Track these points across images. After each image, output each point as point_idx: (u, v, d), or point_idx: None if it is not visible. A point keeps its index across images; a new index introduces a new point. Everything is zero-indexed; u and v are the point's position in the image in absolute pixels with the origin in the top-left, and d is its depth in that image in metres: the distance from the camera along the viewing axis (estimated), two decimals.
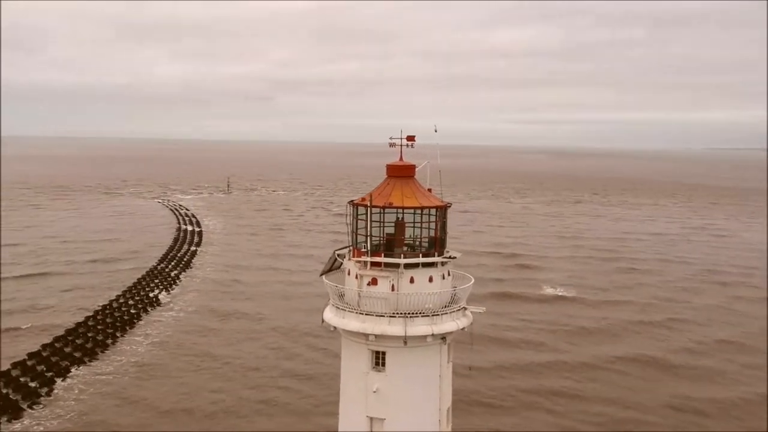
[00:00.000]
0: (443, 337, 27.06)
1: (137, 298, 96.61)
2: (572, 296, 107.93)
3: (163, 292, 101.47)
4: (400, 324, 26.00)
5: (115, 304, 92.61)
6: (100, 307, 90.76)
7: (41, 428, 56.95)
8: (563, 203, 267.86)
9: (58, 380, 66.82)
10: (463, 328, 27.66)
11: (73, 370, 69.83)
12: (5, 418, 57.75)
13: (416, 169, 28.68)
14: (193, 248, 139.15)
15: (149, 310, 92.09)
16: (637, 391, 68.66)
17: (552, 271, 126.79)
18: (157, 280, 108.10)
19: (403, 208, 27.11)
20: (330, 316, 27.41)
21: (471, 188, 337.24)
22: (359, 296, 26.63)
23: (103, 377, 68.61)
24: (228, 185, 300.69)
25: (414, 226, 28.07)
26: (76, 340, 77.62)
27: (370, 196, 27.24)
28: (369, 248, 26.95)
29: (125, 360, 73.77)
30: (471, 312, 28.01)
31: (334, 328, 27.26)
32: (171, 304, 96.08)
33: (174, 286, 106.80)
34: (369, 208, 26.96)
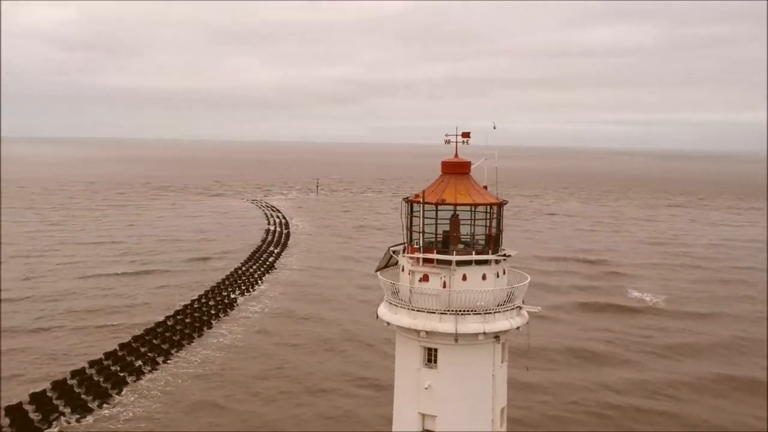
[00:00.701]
0: (496, 336, 26.77)
1: (218, 298, 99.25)
2: (663, 308, 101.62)
3: (245, 293, 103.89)
4: (451, 321, 25.92)
5: (196, 304, 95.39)
6: (181, 307, 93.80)
7: (111, 427, 59.09)
8: (659, 207, 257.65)
9: (130, 380, 68.75)
10: (517, 328, 27.28)
11: (146, 370, 71.65)
12: (75, 417, 60.08)
13: (472, 167, 28.53)
14: (278, 249, 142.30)
15: (228, 311, 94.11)
16: (731, 414, 64.20)
17: (642, 279, 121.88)
18: (240, 281, 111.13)
19: (456, 204, 27.01)
20: (384, 311, 27.64)
21: (561, 190, 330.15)
22: (411, 292, 26.72)
23: (174, 379, 70.08)
24: (317, 186, 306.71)
25: (470, 224, 27.94)
26: (153, 340, 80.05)
27: (423, 192, 27.28)
28: (421, 244, 27.03)
29: (199, 359, 75.42)
30: (527, 311, 27.56)
31: (388, 323, 27.45)
32: (251, 305, 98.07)
33: (256, 286, 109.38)
34: (422, 205, 27.02)
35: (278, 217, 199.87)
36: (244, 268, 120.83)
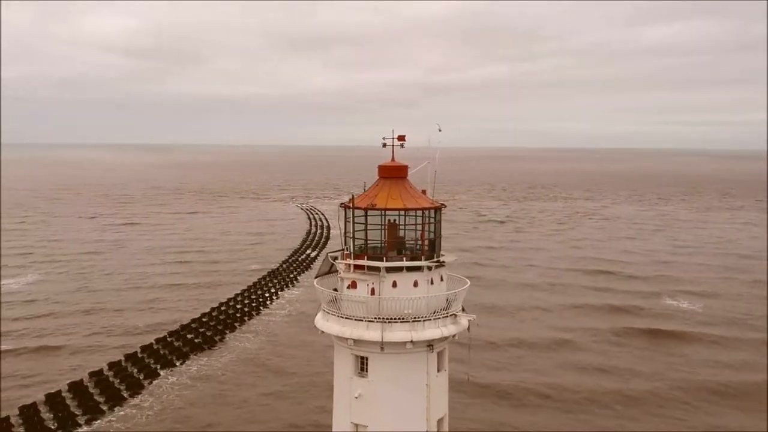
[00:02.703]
0: (430, 345, 26.00)
1: (252, 297, 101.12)
2: (720, 334, 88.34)
3: (278, 293, 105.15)
4: (378, 329, 25.30)
5: (231, 303, 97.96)
6: (216, 306, 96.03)
7: (143, 419, 60.87)
8: (720, 210, 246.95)
9: (162, 372, 71.51)
10: (453, 336, 26.48)
11: (177, 364, 74.25)
12: (108, 406, 62.54)
13: (410, 170, 27.88)
14: (315, 252, 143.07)
15: (261, 309, 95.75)
16: None
17: (687, 284, 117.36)
18: (275, 281, 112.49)
19: (386, 209, 26.37)
20: (318, 319, 27.22)
21: (618, 193, 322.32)
22: (339, 299, 26.24)
23: (202, 373, 72.13)
24: (365, 189, 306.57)
25: (406, 229, 27.28)
26: (188, 335, 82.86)
27: (352, 197, 26.79)
28: (352, 250, 26.53)
29: (230, 358, 76.84)
30: (466, 319, 26.66)
31: (322, 331, 27.02)
32: (281, 307, 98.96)
33: (290, 287, 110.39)
34: (352, 210, 26.53)
35: (321, 219, 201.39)
36: (281, 268, 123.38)
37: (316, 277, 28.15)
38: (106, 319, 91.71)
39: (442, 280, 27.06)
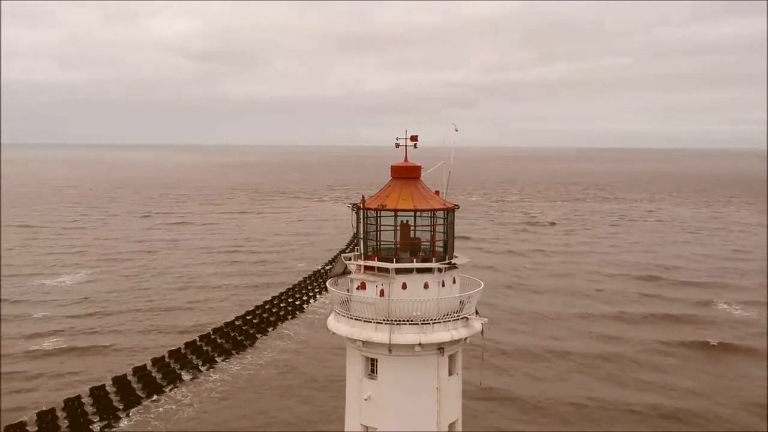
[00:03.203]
0: (440, 348, 25.65)
1: (289, 300, 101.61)
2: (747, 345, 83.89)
3: (322, 293, 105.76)
4: (387, 331, 25.11)
5: (275, 302, 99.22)
6: (260, 305, 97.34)
7: (183, 414, 62.29)
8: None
9: (203, 369, 73.30)
10: (465, 339, 26.11)
11: (218, 360, 75.84)
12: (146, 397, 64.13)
13: (425, 171, 27.60)
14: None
15: (297, 313, 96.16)
16: None
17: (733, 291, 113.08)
18: (316, 283, 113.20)
19: (396, 210, 26.14)
20: (330, 320, 27.19)
21: (675, 194, 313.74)
22: (349, 300, 26.14)
23: (245, 372, 73.16)
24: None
25: (421, 230, 27.01)
26: (231, 333, 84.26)
27: (362, 198, 26.67)
28: (362, 251, 26.43)
29: (265, 359, 77.39)
30: (478, 323, 26.23)
31: (333, 333, 26.97)
32: (322, 305, 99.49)
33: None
34: (363, 211, 26.41)
35: None
36: (324, 269, 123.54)
37: (329, 278, 28.14)
38: (154, 318, 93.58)
39: (454, 282, 26.70)
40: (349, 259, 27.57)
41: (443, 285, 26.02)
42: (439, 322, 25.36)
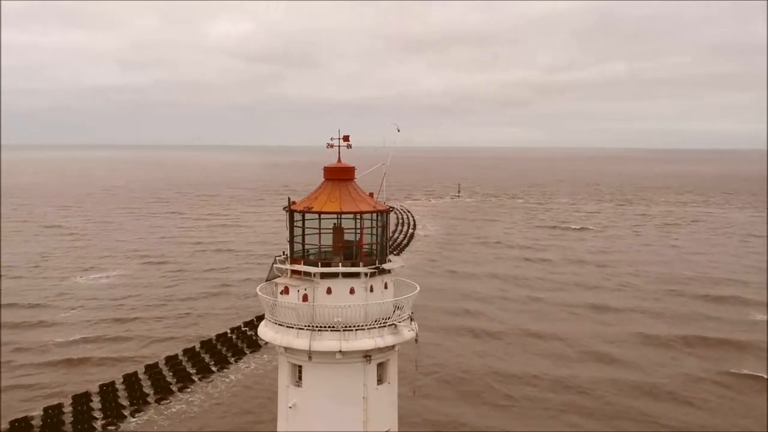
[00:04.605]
0: (366, 356, 24.70)
1: None
2: None
3: None
4: (307, 337, 24.30)
5: None
6: None
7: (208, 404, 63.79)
8: None
9: (232, 360, 75.57)
10: (392, 347, 25.11)
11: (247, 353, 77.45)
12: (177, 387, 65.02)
13: (358, 173, 26.67)
14: (394, 254, 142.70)
15: None
16: None
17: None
18: None
19: (321, 212, 25.28)
20: (261, 325, 26.53)
21: (737, 197, 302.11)
22: (273, 305, 25.42)
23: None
24: (458, 191, 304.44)
25: (353, 232, 26.10)
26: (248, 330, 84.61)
27: (289, 199, 25.91)
28: (290, 255, 25.69)
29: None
30: (407, 330, 25.18)
31: (262, 340, 26.31)
32: None
33: None
34: (289, 213, 25.67)
35: (409, 219, 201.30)
36: None
37: (266, 281, 27.46)
38: (187, 318, 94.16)
39: (386, 287, 25.70)
40: (283, 263, 26.90)
41: (371, 290, 25.06)
42: (363, 329, 24.42)
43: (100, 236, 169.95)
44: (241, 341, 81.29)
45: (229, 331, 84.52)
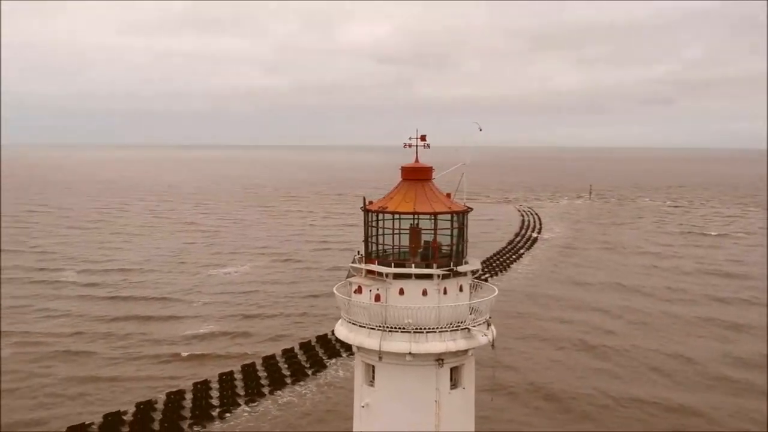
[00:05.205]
0: (439, 359, 24.28)
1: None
2: None
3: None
4: (378, 337, 24.24)
5: None
6: None
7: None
8: None
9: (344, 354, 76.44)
10: (466, 351, 24.53)
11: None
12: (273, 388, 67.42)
13: (436, 174, 26.27)
14: (513, 257, 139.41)
15: None
16: None
17: None
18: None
19: (394, 212, 25.10)
20: (338, 323, 26.77)
21: None
22: (348, 304, 25.53)
23: None
24: (590, 192, 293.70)
25: (443, 234, 25.72)
26: None
27: (364, 199, 25.92)
28: (365, 254, 25.73)
29: None
30: (480, 335, 24.50)
31: (337, 337, 26.57)
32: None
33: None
34: (365, 213, 25.71)
35: (535, 222, 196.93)
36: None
37: (346, 278, 27.70)
38: (307, 316, 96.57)
39: (461, 290, 25.15)
40: (359, 262, 27.00)
41: (445, 292, 24.60)
42: (434, 332, 24.03)
43: (232, 233, 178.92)
44: None
45: None
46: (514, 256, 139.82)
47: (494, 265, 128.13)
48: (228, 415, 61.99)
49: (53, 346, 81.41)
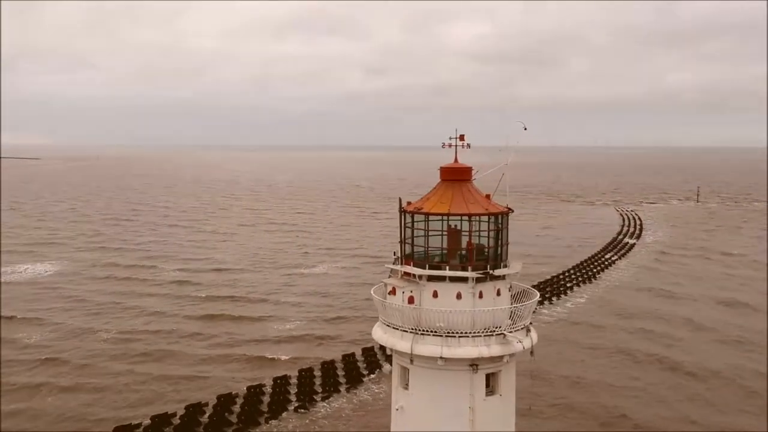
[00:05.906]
0: (473, 365, 23.65)
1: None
2: None
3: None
4: (410, 340, 23.89)
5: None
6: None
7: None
8: None
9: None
10: (502, 357, 23.76)
11: None
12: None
13: (476, 174, 25.61)
14: (603, 265, 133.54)
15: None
16: None
17: None
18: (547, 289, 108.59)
19: (429, 214, 24.62)
20: (375, 325, 26.59)
21: None
22: (383, 306, 25.28)
23: None
24: (697, 195, 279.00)
25: (467, 235, 25.14)
26: None
27: (399, 200, 25.58)
28: (401, 256, 25.41)
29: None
30: (516, 341, 23.67)
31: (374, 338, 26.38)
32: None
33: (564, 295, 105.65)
34: (401, 214, 25.39)
35: (636, 226, 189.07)
36: (558, 277, 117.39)
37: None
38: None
39: (499, 294, 24.39)
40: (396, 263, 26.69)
41: (480, 296, 23.92)
42: (467, 336, 23.41)
43: (327, 233, 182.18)
44: None
45: None
46: (605, 262, 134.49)
47: (584, 270, 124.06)
48: (303, 411, 63.04)
49: (143, 343, 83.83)
